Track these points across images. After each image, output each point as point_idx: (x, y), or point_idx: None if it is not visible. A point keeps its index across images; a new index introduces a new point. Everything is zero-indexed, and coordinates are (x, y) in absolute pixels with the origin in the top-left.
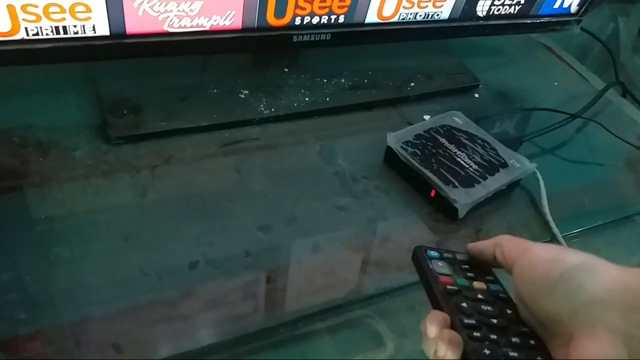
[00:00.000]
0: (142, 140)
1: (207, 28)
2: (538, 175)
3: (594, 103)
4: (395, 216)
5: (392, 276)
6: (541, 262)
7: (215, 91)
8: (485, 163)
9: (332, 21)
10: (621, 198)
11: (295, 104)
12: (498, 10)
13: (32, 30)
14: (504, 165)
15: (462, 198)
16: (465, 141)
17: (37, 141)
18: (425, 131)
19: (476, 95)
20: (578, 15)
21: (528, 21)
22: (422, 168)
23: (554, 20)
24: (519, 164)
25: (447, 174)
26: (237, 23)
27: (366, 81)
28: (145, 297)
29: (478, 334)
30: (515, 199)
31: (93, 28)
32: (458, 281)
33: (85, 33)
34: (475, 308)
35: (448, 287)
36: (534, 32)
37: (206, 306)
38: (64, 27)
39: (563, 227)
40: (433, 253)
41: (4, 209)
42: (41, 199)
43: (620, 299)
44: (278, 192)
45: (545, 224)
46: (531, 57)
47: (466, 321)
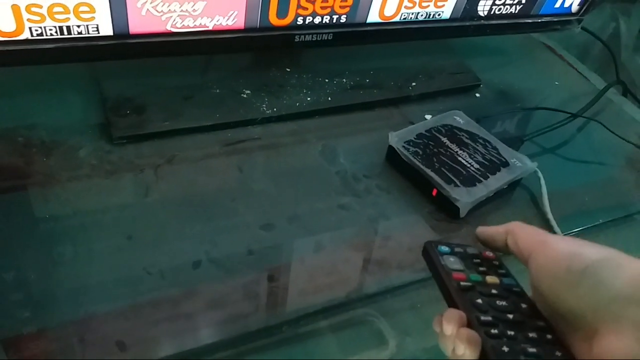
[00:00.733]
0: (145, 139)
1: (210, 28)
2: (539, 174)
3: (595, 102)
4: (396, 215)
5: (394, 275)
6: (562, 256)
7: (217, 91)
8: (486, 162)
9: (334, 21)
10: (622, 197)
11: (297, 104)
12: (499, 10)
13: (37, 30)
14: (505, 164)
15: (464, 197)
16: (466, 140)
17: (41, 141)
18: (426, 130)
19: (477, 94)
20: (579, 14)
21: (529, 21)
22: (424, 167)
23: (555, 19)
24: (520, 163)
25: (449, 173)
26: (240, 23)
27: (368, 81)
28: (148, 296)
29: (495, 331)
30: (516, 198)
31: (97, 28)
32: (471, 276)
33: (89, 33)
34: (490, 304)
35: (462, 284)
36: (535, 32)
37: (209, 305)
38: (68, 28)
39: (564, 226)
40: (444, 248)
41: (8, 209)
42: (45, 199)
43: None
44: (280, 191)
45: (546, 223)
46: (532, 57)
47: (483, 318)
